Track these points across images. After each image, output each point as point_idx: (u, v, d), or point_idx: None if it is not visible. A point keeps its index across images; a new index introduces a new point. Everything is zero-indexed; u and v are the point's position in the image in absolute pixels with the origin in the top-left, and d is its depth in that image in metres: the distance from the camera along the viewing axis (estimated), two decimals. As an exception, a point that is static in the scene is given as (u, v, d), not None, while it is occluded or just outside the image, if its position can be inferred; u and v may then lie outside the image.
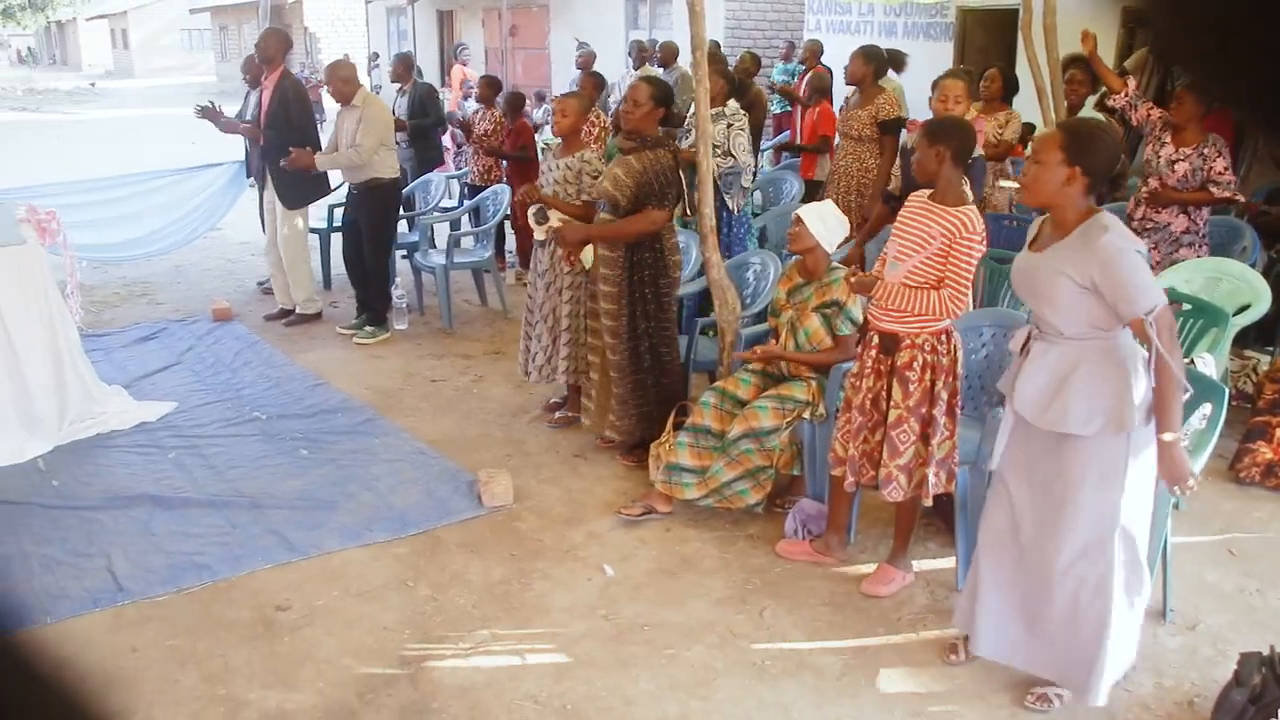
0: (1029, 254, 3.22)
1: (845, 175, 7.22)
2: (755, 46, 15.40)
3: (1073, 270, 3.02)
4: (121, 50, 53.81)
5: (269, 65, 7.38)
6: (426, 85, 9.27)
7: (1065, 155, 3.04)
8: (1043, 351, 3.17)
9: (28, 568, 4.25)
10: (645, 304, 5.01)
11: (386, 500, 4.84)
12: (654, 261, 4.99)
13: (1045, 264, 3.11)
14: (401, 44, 24.76)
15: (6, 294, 5.38)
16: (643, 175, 4.88)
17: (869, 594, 4.02)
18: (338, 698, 3.43)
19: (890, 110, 7.05)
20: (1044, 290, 3.10)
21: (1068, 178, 3.04)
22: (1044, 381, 3.14)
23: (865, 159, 7.12)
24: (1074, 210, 3.09)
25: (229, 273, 9.53)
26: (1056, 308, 3.08)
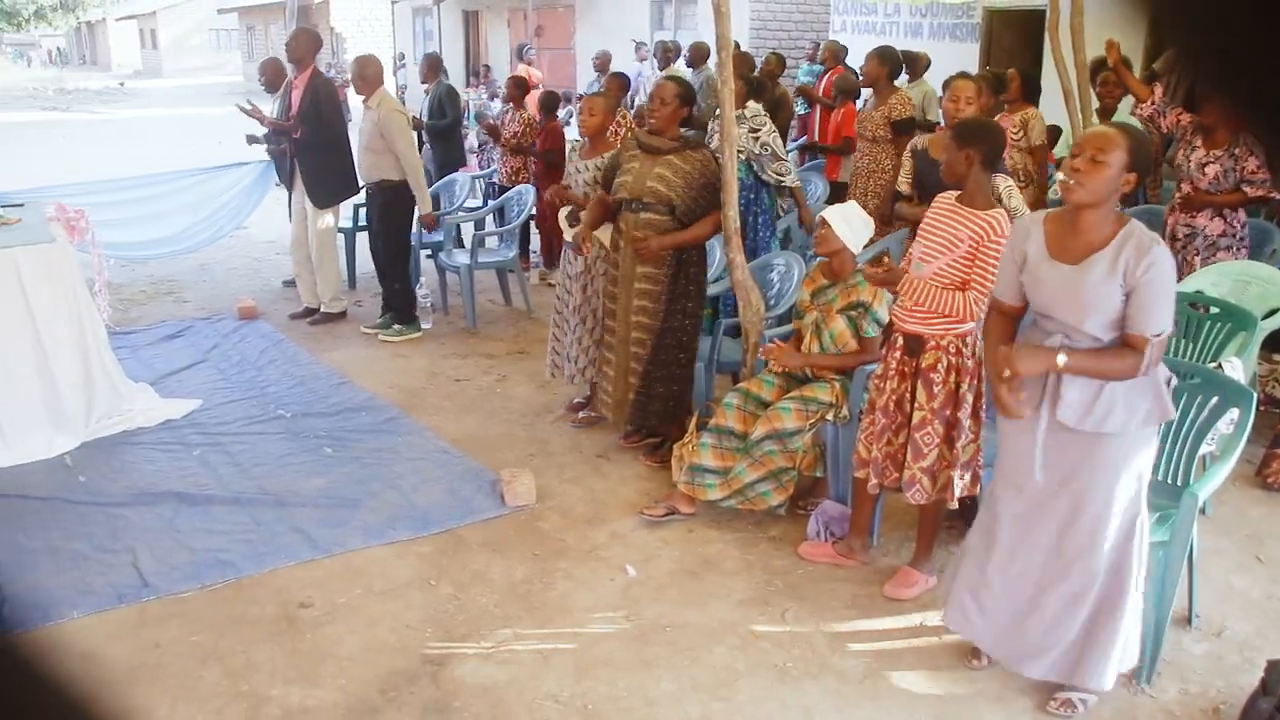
0: (1059, 264, 3.09)
1: (862, 177, 7.22)
2: (780, 47, 15.38)
3: (1121, 278, 2.96)
4: (150, 50, 54.24)
5: (299, 65, 7.41)
6: (447, 86, 9.29)
7: (1130, 159, 2.96)
8: None
9: (55, 562, 4.29)
10: (688, 300, 5.03)
11: (409, 499, 4.85)
12: (698, 260, 5.06)
13: (1094, 274, 3.00)
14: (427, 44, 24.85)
15: (36, 292, 5.42)
16: (698, 176, 4.93)
17: (891, 597, 4.00)
18: (360, 695, 3.45)
19: (903, 110, 7.05)
20: (1090, 300, 3.00)
21: (1127, 182, 2.99)
22: (1087, 388, 3.07)
23: (881, 160, 7.11)
24: (1110, 216, 3.03)
25: (255, 271, 9.58)
26: (1100, 315, 3.01)
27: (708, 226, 5.01)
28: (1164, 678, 3.46)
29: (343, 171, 7.47)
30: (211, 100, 32.96)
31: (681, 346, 5.09)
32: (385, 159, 7.05)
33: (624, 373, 5.18)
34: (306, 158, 7.41)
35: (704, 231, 5.04)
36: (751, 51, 12.87)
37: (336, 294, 7.86)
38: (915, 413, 3.81)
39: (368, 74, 7.15)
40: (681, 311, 5.05)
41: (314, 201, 7.48)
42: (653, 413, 5.15)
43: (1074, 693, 3.34)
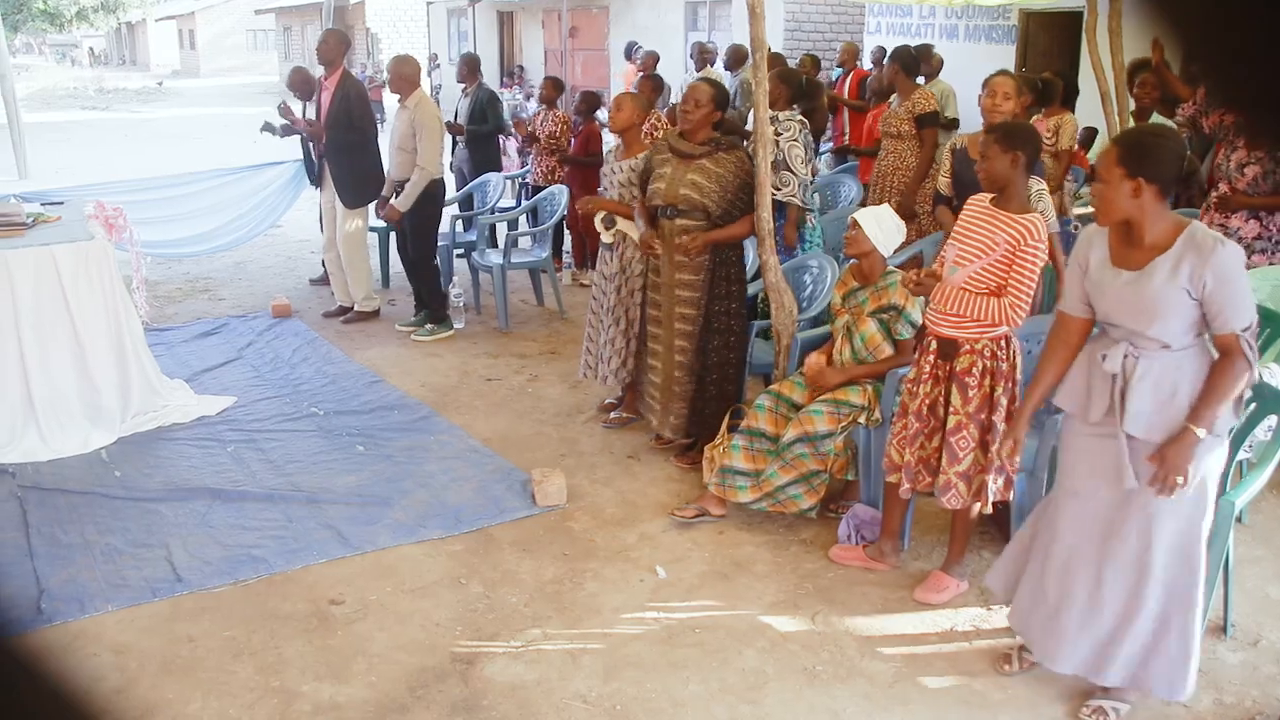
0: (1121, 272, 3.06)
1: (887, 174, 7.18)
2: (815, 49, 15.34)
3: (1187, 280, 2.93)
4: (188, 50, 54.76)
5: (329, 66, 7.45)
6: (489, 91, 9.27)
7: (1125, 169, 2.96)
8: (1147, 369, 3.05)
9: (90, 556, 4.33)
10: (730, 302, 5.02)
11: (440, 498, 4.87)
12: (737, 261, 5.04)
13: (1157, 280, 2.97)
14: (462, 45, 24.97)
15: (75, 289, 5.48)
16: (732, 179, 4.91)
17: (922, 601, 3.98)
18: (389, 692, 3.46)
19: (926, 104, 7.01)
20: (1158, 307, 2.97)
21: (1134, 190, 2.95)
22: (1153, 398, 3.04)
23: (905, 156, 7.08)
24: (1159, 221, 3.00)
25: (289, 270, 9.65)
26: (1168, 323, 2.98)
27: (743, 226, 5.01)
28: (1199, 687, 3.41)
29: (373, 172, 7.51)
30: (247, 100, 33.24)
31: (729, 347, 5.09)
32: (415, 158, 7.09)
33: (669, 380, 5.17)
34: (336, 159, 7.45)
35: (742, 230, 5.03)
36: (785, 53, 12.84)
37: (369, 293, 7.90)
38: (950, 417, 3.79)
39: (405, 73, 7.19)
40: (725, 313, 5.04)
41: (344, 202, 7.52)
42: (709, 415, 5.10)
43: (1106, 700, 3.31)
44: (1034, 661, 3.51)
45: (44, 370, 5.44)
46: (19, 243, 5.56)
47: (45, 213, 6.27)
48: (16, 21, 36.78)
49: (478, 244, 8.21)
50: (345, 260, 7.73)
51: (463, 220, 8.67)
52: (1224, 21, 0.57)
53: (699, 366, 5.08)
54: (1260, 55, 0.56)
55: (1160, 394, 3.04)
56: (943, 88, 9.04)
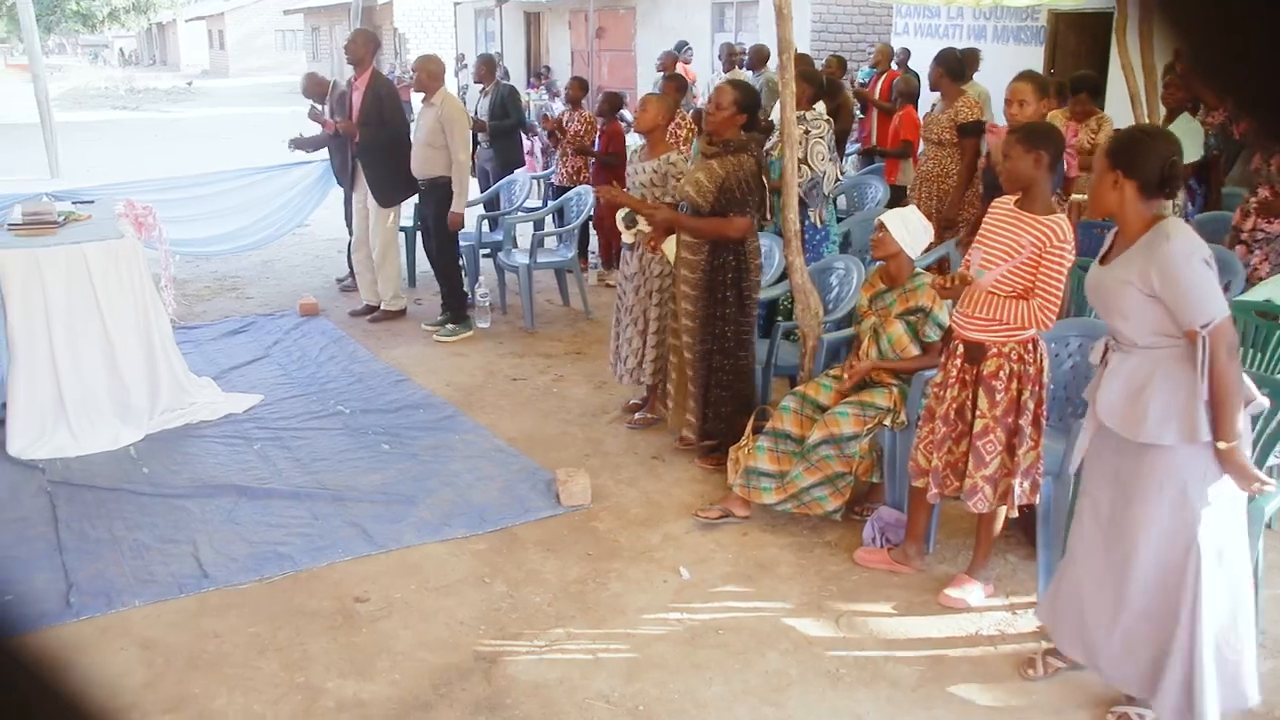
0: (1098, 267, 3.21)
1: (928, 180, 7.14)
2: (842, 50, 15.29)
3: (1137, 278, 3.00)
4: (218, 50, 55.13)
5: (359, 66, 7.49)
6: (509, 87, 9.34)
7: (1109, 162, 3.08)
8: (1120, 362, 3.14)
9: (118, 552, 4.37)
10: (726, 306, 4.99)
11: (465, 496, 4.89)
12: (737, 264, 4.97)
13: (1112, 275, 3.09)
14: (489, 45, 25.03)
15: (105, 286, 5.53)
16: (725, 181, 4.86)
17: (947, 605, 3.96)
18: (413, 690, 3.47)
19: (969, 113, 6.96)
20: (1113, 302, 3.09)
21: (1114, 183, 3.06)
22: (1121, 391, 3.11)
23: (945, 163, 7.04)
24: (1136, 218, 3.08)
25: (316, 269, 9.70)
26: (1126, 317, 3.06)
27: (717, 224, 4.91)
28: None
29: (406, 170, 7.55)
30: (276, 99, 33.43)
31: (726, 353, 5.05)
32: (442, 155, 7.13)
33: (683, 380, 5.18)
34: (369, 158, 7.49)
35: (710, 226, 4.92)
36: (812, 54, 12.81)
37: (396, 292, 7.93)
38: (977, 420, 3.76)
39: (432, 71, 7.23)
40: (721, 317, 5.00)
41: (378, 200, 7.55)
42: (723, 416, 5.09)
43: (1132, 707, 3.28)
44: (1059, 667, 3.49)
45: (74, 367, 5.49)
46: (51, 241, 5.61)
47: (76, 211, 6.32)
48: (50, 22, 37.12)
49: (504, 244, 8.23)
50: (377, 259, 7.77)
51: (489, 220, 8.69)
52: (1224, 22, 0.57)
53: (703, 367, 5.07)
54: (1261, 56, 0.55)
55: (1129, 389, 3.08)
56: (979, 90, 8.99)
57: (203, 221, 8.58)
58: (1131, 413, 3.06)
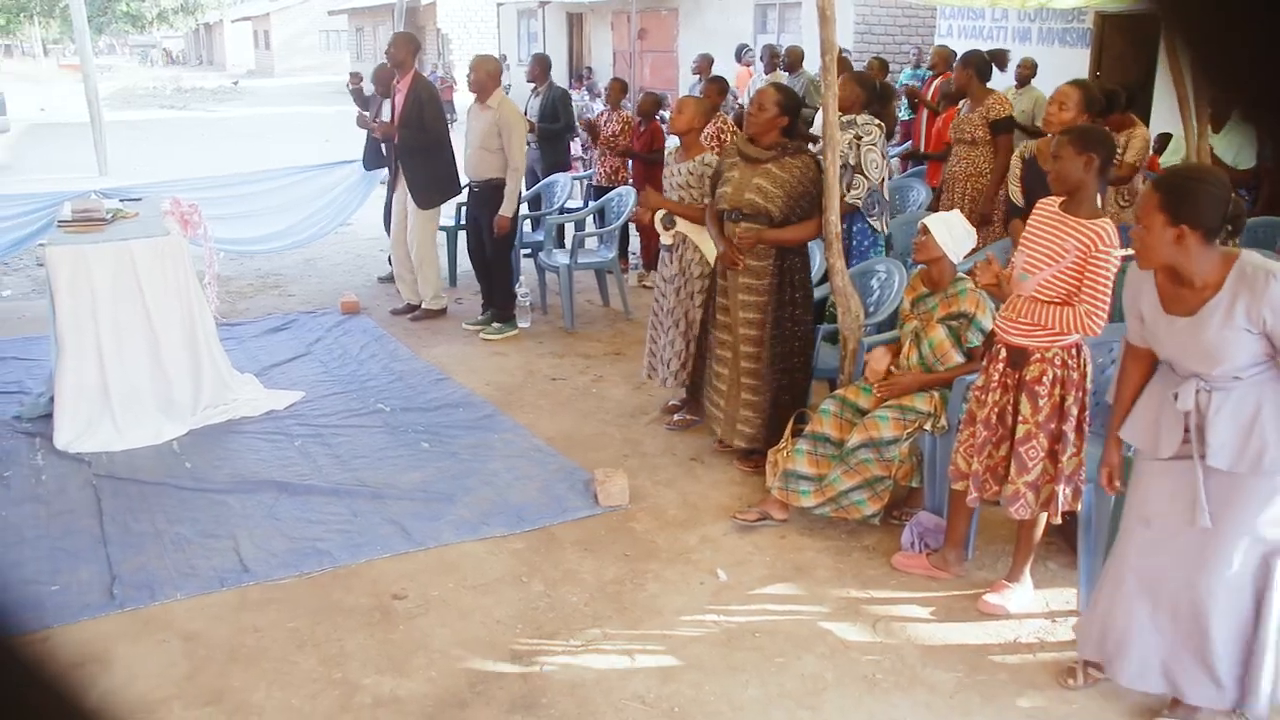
0: (1175, 319, 3.01)
1: (958, 181, 7.09)
2: (884, 52, 15.22)
3: (1243, 319, 2.87)
4: (263, 50, 55.67)
5: (400, 68, 7.53)
6: (561, 90, 9.33)
7: (1167, 216, 2.88)
8: (1222, 401, 2.98)
9: (161, 545, 4.42)
10: (795, 308, 4.98)
11: (504, 495, 4.90)
12: (802, 267, 4.99)
13: (1211, 324, 2.92)
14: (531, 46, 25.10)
15: (150, 283, 5.59)
16: (795, 185, 4.86)
17: (986, 611, 3.92)
18: (449, 687, 3.49)
19: (1000, 110, 6.91)
20: (1219, 350, 2.92)
21: (1176, 238, 2.89)
22: (1233, 429, 2.97)
23: (979, 163, 6.98)
24: (1206, 263, 2.93)
25: (358, 267, 9.77)
26: (1234, 361, 2.92)
27: (804, 229, 4.95)
28: (1271, 706, 3.33)
29: (445, 172, 7.58)
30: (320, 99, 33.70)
31: (795, 354, 5.04)
32: (498, 158, 7.14)
33: (737, 388, 5.13)
34: (409, 160, 7.53)
35: (800, 233, 4.97)
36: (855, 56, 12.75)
37: (437, 292, 7.97)
38: (1019, 426, 3.73)
39: (491, 71, 7.23)
40: (790, 319, 4.99)
41: (416, 202, 7.59)
42: (777, 423, 5.05)
43: (1174, 718, 3.25)
44: (1099, 677, 3.45)
45: (120, 362, 5.56)
46: (99, 238, 5.69)
47: (124, 209, 6.41)
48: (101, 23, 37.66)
49: (545, 244, 8.25)
50: (416, 259, 7.81)
51: (530, 220, 8.71)
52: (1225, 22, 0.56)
53: (769, 374, 5.04)
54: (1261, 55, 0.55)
55: (1240, 423, 2.96)
56: (1035, 95, 8.90)
57: (247, 220, 8.66)
58: (1248, 447, 2.95)
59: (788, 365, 5.04)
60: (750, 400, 5.08)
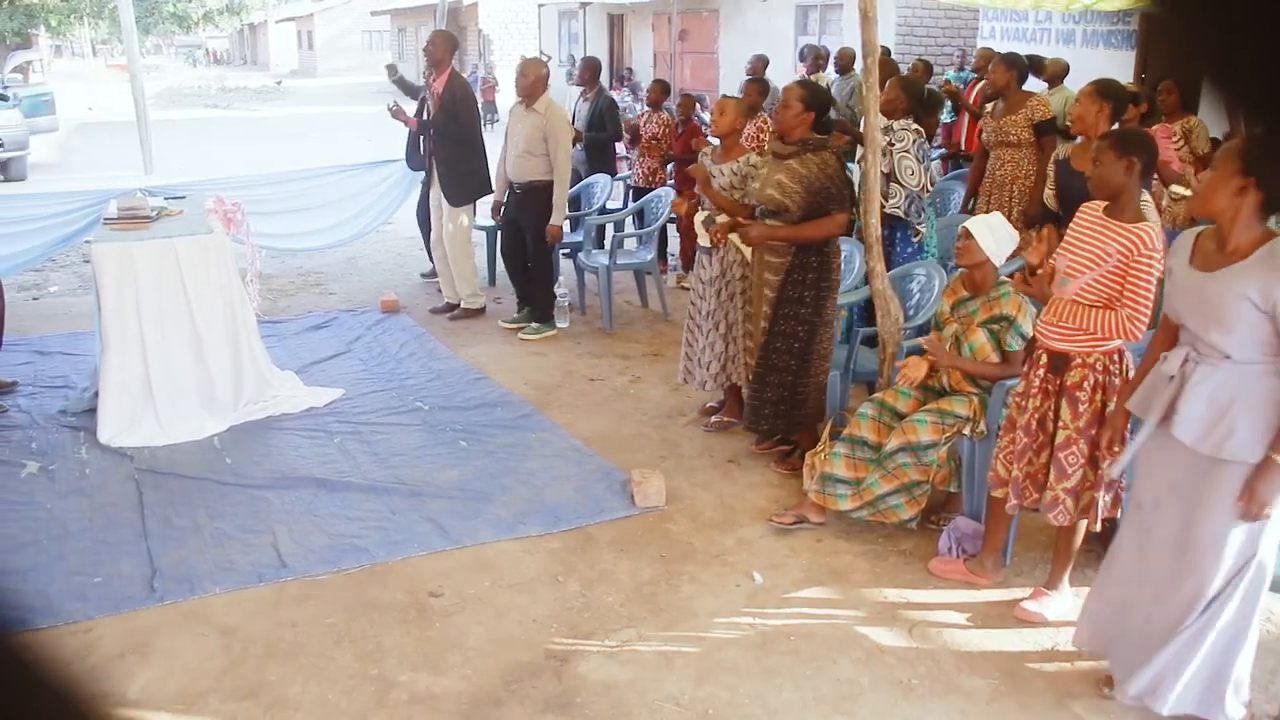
0: (1194, 272, 3.06)
1: (1004, 184, 7.03)
2: (927, 53, 15.13)
3: (1256, 294, 2.87)
4: (306, 51, 56.15)
5: (437, 67, 7.56)
6: (610, 98, 9.30)
7: (1242, 164, 2.92)
8: (1205, 375, 3.01)
9: (200, 539, 4.47)
10: (802, 305, 4.95)
11: (540, 495, 4.91)
12: (819, 265, 4.94)
13: (1222, 285, 2.96)
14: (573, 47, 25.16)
15: (194, 280, 5.66)
16: (814, 180, 4.82)
17: (1023, 619, 3.89)
18: (484, 685, 3.50)
19: (1044, 112, 6.86)
20: (1218, 313, 2.95)
21: (1240, 188, 2.92)
22: (1206, 406, 3.00)
23: (1023, 165, 6.92)
24: (1245, 227, 2.95)
25: (398, 266, 9.83)
26: (1229, 331, 2.94)
27: (816, 228, 4.87)
28: None
29: (478, 171, 7.61)
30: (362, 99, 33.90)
31: (791, 352, 5.00)
32: (542, 162, 7.16)
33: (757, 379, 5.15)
34: (443, 157, 7.56)
35: (810, 231, 4.89)
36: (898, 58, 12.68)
37: (475, 290, 8.00)
38: (1059, 432, 3.69)
39: (540, 74, 7.25)
40: (793, 316, 4.96)
41: (449, 200, 7.63)
42: (764, 416, 5.10)
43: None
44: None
45: (163, 358, 5.62)
46: (144, 235, 5.76)
47: (168, 206, 6.48)
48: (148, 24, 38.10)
49: (584, 245, 8.26)
50: (451, 257, 7.85)
51: (570, 221, 8.72)
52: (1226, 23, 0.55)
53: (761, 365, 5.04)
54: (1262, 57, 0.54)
55: (1215, 403, 2.98)
56: (1067, 95, 8.82)
57: (289, 218, 8.73)
58: (1216, 429, 2.97)
59: (783, 362, 5.00)
60: (770, 395, 5.08)
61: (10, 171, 15.42)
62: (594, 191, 8.86)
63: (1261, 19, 0.54)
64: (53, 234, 7.78)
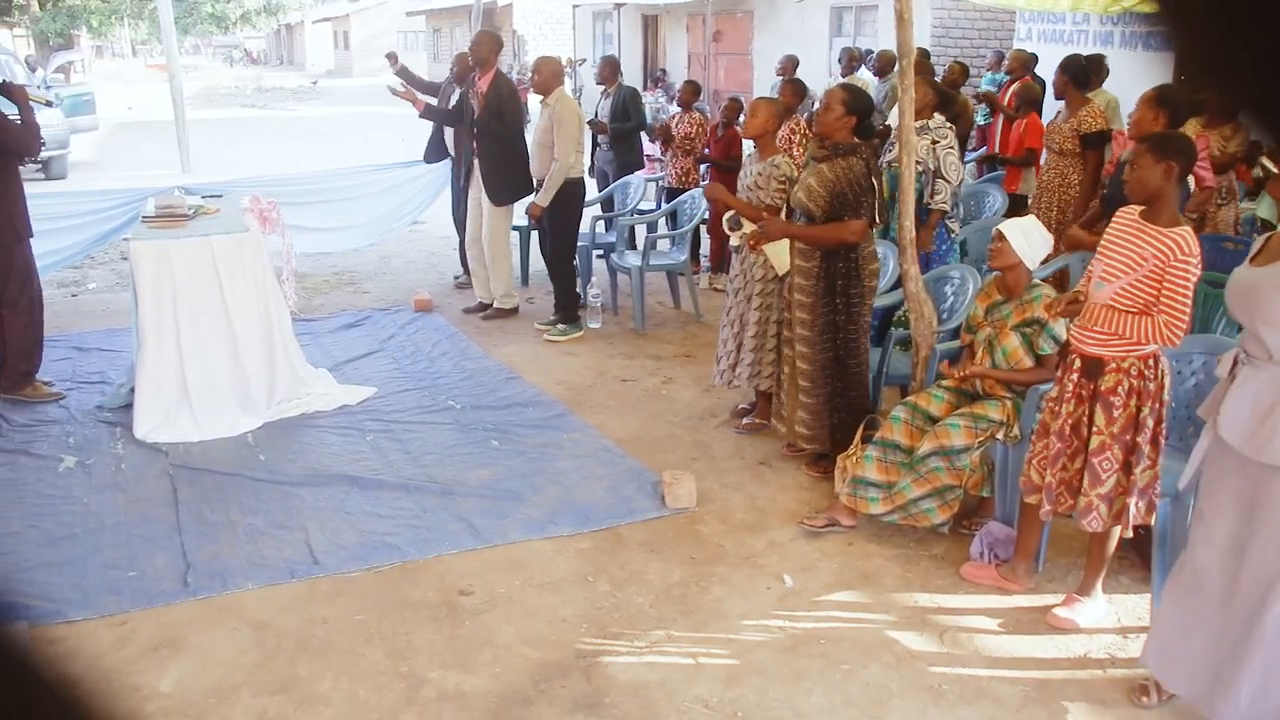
0: (1249, 268, 3.05)
1: (1049, 190, 6.98)
2: (963, 55, 15.04)
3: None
4: (342, 51, 56.54)
5: (482, 66, 7.60)
6: (630, 89, 9.36)
7: None
8: (1250, 377, 2.99)
9: (234, 535, 4.51)
10: (835, 313, 4.93)
11: (571, 495, 4.92)
12: (847, 271, 4.90)
13: (1270, 279, 2.93)
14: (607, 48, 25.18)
15: (229, 278, 5.70)
16: (835, 184, 4.80)
17: (1055, 625, 3.86)
18: (513, 684, 3.51)
19: (1092, 123, 6.79)
20: (1265, 306, 2.92)
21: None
22: (1249, 407, 2.96)
23: (1068, 174, 6.88)
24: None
25: (431, 265, 9.87)
26: (1271, 325, 2.91)
27: (829, 231, 4.84)
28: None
29: (520, 169, 7.63)
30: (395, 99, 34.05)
31: (840, 361, 4.99)
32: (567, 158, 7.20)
33: (795, 387, 5.12)
34: (486, 155, 7.59)
35: (822, 234, 4.87)
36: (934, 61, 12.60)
37: (509, 290, 8.02)
38: (1093, 437, 3.66)
39: (553, 70, 7.32)
40: (832, 324, 4.95)
41: (491, 199, 7.65)
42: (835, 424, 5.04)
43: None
44: (1174, 694, 3.37)
45: (199, 355, 5.67)
46: (181, 234, 5.81)
47: (205, 205, 6.55)
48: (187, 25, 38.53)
49: (616, 245, 8.27)
50: (489, 257, 7.87)
51: (603, 221, 8.74)
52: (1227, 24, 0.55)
53: (819, 375, 5.02)
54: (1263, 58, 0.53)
55: (1259, 406, 2.94)
56: (1108, 98, 8.75)
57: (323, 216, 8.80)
58: (1260, 431, 2.93)
59: (834, 371, 4.98)
60: (804, 401, 5.07)
61: (51, 170, 15.61)
62: (627, 192, 8.87)
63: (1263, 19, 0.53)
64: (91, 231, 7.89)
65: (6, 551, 4.39)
